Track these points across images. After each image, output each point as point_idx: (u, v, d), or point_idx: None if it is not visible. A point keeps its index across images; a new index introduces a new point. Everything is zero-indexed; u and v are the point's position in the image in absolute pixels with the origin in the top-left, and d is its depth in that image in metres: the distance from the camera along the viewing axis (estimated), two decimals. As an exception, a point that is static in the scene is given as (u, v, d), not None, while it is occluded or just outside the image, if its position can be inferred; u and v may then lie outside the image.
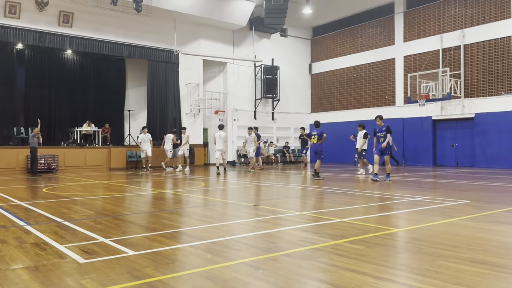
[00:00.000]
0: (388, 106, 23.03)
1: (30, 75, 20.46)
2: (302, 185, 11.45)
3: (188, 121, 22.41)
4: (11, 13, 17.48)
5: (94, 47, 19.63)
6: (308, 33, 27.55)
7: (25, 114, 20.33)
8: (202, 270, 3.53)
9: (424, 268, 3.54)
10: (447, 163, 20.63)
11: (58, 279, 3.33)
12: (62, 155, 17.97)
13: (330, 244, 4.42)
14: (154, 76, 21.63)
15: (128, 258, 3.91)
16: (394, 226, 5.47)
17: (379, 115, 12.58)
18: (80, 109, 21.65)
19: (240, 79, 24.31)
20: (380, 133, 12.14)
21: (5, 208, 7.17)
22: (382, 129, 12.09)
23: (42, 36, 18.22)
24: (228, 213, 6.96)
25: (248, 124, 24.09)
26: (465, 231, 5.05)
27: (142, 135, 18.33)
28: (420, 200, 7.83)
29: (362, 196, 8.84)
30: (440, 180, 12.81)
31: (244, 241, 4.62)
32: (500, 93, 18.72)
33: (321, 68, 26.85)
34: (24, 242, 4.60)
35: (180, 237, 4.97)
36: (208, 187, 11.32)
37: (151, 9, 19.20)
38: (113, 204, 8.07)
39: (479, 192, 9.24)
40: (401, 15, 22.48)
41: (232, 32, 23.74)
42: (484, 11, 19.24)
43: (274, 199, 8.74)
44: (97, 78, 22.31)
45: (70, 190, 10.48)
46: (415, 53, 21.76)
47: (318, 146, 13.38)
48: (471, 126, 19.66)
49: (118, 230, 5.30)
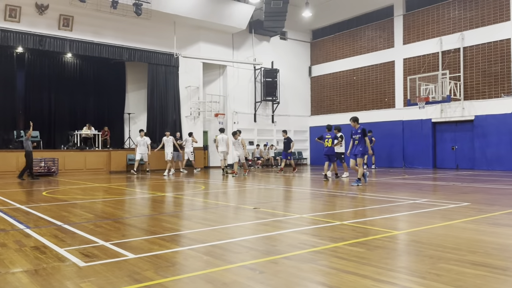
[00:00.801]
0: (387, 109, 23.05)
1: (30, 78, 20.49)
2: (303, 188, 11.44)
3: (188, 124, 22.43)
4: (11, 17, 17.51)
5: (94, 51, 19.66)
6: (307, 36, 27.61)
7: (25, 117, 20.33)
8: (202, 273, 3.52)
9: (424, 271, 3.53)
10: (447, 166, 20.63)
11: (58, 282, 3.33)
12: (62, 158, 17.97)
13: (330, 246, 4.41)
14: (154, 79, 21.66)
15: (128, 261, 3.91)
16: (395, 229, 5.46)
17: (354, 117, 12.11)
18: (80, 112, 21.68)
19: (240, 82, 24.33)
20: (356, 135, 11.74)
21: (5, 212, 7.16)
22: (358, 132, 11.69)
23: (42, 40, 18.25)
24: (228, 216, 6.95)
25: (248, 127, 24.18)
26: (465, 234, 5.04)
27: (138, 138, 18.23)
28: (420, 203, 7.83)
29: (362, 198, 8.83)
30: (440, 182, 12.80)
31: (244, 244, 4.62)
32: (499, 95, 18.74)
33: (320, 71, 26.89)
34: (24, 246, 4.59)
35: (180, 240, 4.96)
36: (208, 190, 11.31)
37: (151, 12, 19.24)
38: (113, 207, 8.06)
39: (479, 194, 9.24)
40: (400, 17, 22.53)
41: (232, 35, 23.78)
42: (483, 13, 19.28)
43: (274, 201, 8.73)
44: (97, 81, 22.35)
45: (70, 193, 10.47)
46: (415, 56, 21.79)
47: (331, 149, 13.41)
48: (471, 128, 19.67)
49: (118, 233, 5.29)
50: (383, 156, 22.09)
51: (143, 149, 17.82)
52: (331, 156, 13.52)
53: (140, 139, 17.98)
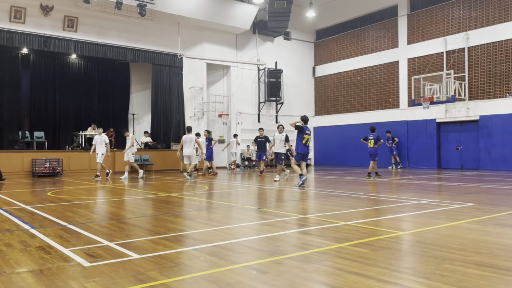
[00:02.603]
0: (392, 109, 22.99)
1: (35, 79, 20.61)
2: (306, 188, 11.42)
3: (192, 124, 22.42)
4: (16, 18, 17.61)
5: (99, 51, 19.74)
6: (311, 36, 27.58)
7: (30, 118, 20.46)
8: (206, 274, 3.53)
9: (429, 272, 3.52)
10: (451, 166, 20.54)
11: (63, 282, 3.34)
12: (67, 159, 18.04)
13: (334, 247, 4.41)
14: (158, 79, 21.72)
15: (132, 261, 3.92)
16: (399, 229, 5.45)
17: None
18: (84, 113, 21.78)
19: (243, 83, 24.34)
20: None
21: (10, 212, 7.20)
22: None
23: (47, 41, 18.34)
24: (232, 216, 6.95)
25: (252, 127, 24.13)
26: (470, 234, 5.02)
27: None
28: (425, 203, 7.80)
29: (366, 199, 8.81)
30: (445, 182, 12.75)
31: (248, 245, 4.62)
32: (504, 95, 18.64)
33: (324, 71, 26.85)
34: (29, 246, 4.62)
35: (184, 240, 4.97)
36: (212, 190, 11.32)
37: (155, 13, 19.29)
38: (117, 208, 8.10)
39: (484, 194, 9.19)
40: (404, 17, 22.46)
41: (235, 36, 23.80)
42: (488, 13, 19.19)
43: (278, 202, 8.73)
44: (101, 82, 22.44)
45: (75, 193, 10.51)
46: (419, 56, 21.71)
47: (373, 149, 14.30)
48: (476, 128, 19.58)
49: (122, 234, 5.31)
50: (388, 156, 22.01)
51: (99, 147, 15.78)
52: (372, 155, 14.41)
53: (97, 137, 15.88)
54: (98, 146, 15.74)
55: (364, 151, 23.96)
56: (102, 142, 15.76)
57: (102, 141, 15.77)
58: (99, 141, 15.77)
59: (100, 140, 15.77)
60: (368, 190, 10.39)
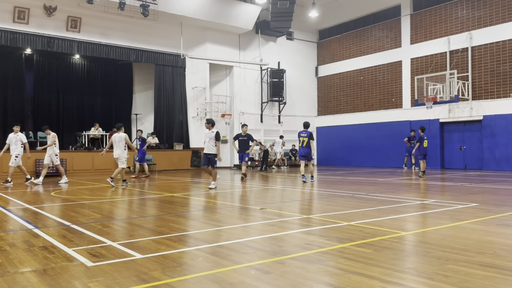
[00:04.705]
0: (395, 109, 22.94)
1: (39, 79, 20.67)
2: (309, 188, 11.42)
3: (195, 124, 22.51)
4: (20, 19, 17.68)
5: (102, 52, 19.80)
6: (314, 36, 27.55)
7: (34, 118, 20.51)
8: (209, 274, 3.53)
9: (432, 272, 3.51)
10: (455, 166, 20.48)
11: (66, 282, 3.35)
12: (70, 159, 18.09)
13: (337, 247, 4.40)
14: (161, 80, 21.76)
15: (135, 261, 3.93)
16: (402, 229, 5.44)
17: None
18: (87, 113, 21.81)
19: (246, 83, 24.35)
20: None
21: (14, 212, 7.23)
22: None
23: (50, 41, 18.41)
24: (235, 216, 6.96)
25: (255, 127, 24.14)
26: (474, 235, 5.00)
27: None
28: (428, 203, 7.78)
29: (369, 199, 8.80)
30: (448, 183, 12.72)
31: (251, 245, 4.62)
32: (508, 95, 18.57)
33: (327, 71, 26.82)
34: (33, 246, 4.63)
35: (187, 240, 4.97)
36: (214, 190, 11.31)
37: (158, 13, 19.33)
38: (120, 208, 8.11)
39: (488, 195, 9.16)
40: (407, 17, 22.41)
41: (238, 36, 23.81)
42: (491, 13, 19.12)
43: (280, 202, 8.73)
44: (104, 82, 22.49)
45: (78, 193, 10.54)
46: (422, 56, 21.66)
47: (424, 149, 15.05)
48: (479, 128, 19.52)
49: (125, 234, 5.32)
50: (391, 156, 21.96)
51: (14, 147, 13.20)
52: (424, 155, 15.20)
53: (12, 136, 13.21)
54: (13, 146, 13.02)
55: (365, 151, 24.04)
56: (18, 141, 13.09)
57: (18, 141, 13.09)
58: (13, 141, 13.06)
59: (15, 140, 13.08)
60: (370, 191, 10.37)
